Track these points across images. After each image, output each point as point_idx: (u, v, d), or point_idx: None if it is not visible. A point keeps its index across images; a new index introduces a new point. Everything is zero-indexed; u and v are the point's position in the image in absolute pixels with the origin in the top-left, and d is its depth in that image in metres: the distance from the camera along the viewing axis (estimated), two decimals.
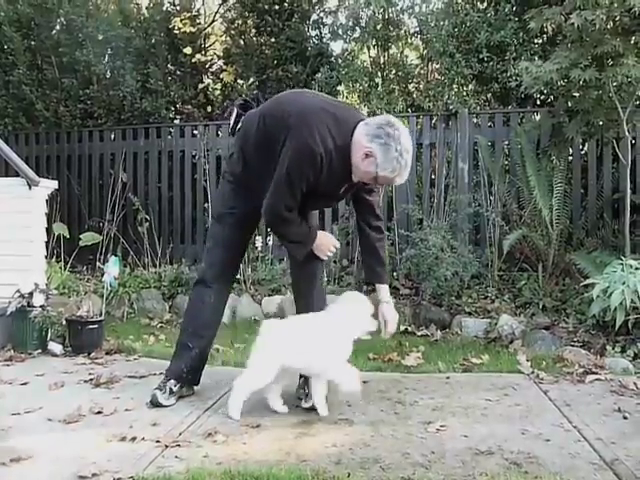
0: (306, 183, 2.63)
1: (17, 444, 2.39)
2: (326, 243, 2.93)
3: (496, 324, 4.45)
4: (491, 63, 5.82)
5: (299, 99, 2.81)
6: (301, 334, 2.71)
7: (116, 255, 5.21)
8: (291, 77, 6.60)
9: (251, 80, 6.90)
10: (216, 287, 2.99)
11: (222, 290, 3.06)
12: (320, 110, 2.66)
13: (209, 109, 7.13)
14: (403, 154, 2.55)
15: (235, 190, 2.94)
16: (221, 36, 7.70)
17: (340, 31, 6.90)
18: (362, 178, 2.69)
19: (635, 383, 3.21)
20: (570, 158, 5.48)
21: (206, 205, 6.16)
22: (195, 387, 3.10)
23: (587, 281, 4.12)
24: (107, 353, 4.04)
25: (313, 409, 2.79)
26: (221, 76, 7.11)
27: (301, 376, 3.01)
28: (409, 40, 6.83)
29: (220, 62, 7.45)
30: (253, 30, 7.07)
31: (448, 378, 3.45)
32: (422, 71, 6.72)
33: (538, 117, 5.79)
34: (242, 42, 7.05)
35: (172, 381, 2.97)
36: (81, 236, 5.68)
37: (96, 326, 4.14)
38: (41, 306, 4.15)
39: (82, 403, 2.88)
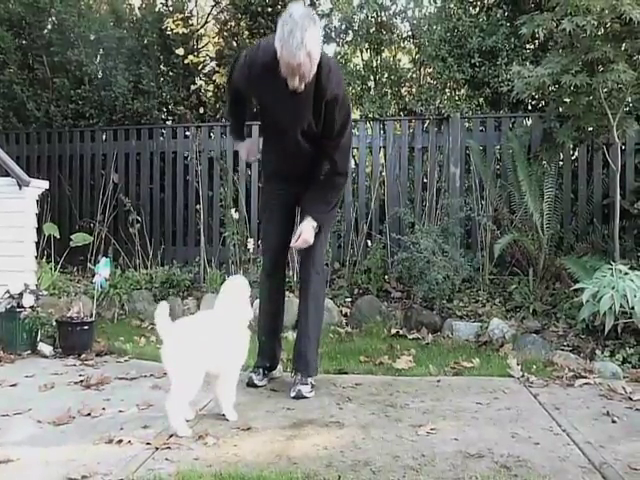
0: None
1: (6, 446, 2.38)
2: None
3: (487, 328, 4.46)
4: (483, 68, 5.86)
5: None
6: None
7: (107, 256, 5.19)
8: None
9: None
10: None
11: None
12: None
13: (201, 110, 7.11)
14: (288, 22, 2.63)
15: None
16: (214, 37, 7.67)
17: (333, 34, 6.91)
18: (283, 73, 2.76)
19: (624, 387, 3.24)
20: (561, 163, 5.52)
21: (198, 207, 6.15)
22: None
23: (577, 285, 4.15)
24: (97, 354, 4.03)
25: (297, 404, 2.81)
26: (214, 77, 7.08)
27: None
28: (402, 44, 6.86)
29: (213, 64, 7.43)
30: (246, 32, 7.04)
31: (439, 381, 3.46)
32: (414, 75, 6.75)
33: (529, 122, 5.84)
34: (235, 44, 7.03)
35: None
36: (72, 237, 5.64)
37: (86, 327, 4.14)
38: (31, 307, 4.13)
39: (72, 405, 2.88)
